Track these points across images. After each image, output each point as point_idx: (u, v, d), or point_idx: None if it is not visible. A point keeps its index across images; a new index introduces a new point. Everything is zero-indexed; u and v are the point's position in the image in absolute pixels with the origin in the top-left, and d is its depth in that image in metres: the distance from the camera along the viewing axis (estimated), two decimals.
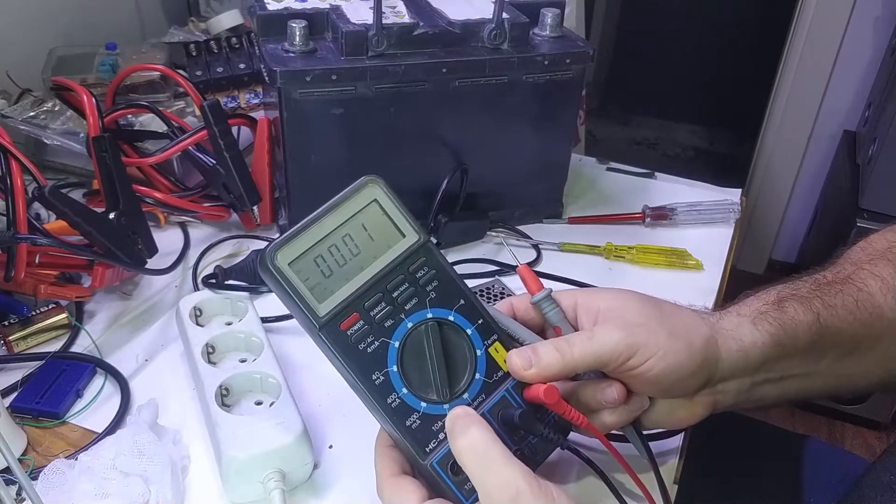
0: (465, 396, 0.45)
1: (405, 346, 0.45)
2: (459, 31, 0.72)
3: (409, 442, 0.43)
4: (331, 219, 0.45)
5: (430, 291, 0.46)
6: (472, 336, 0.47)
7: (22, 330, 0.64)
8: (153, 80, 0.89)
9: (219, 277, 0.67)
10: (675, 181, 0.96)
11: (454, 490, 0.43)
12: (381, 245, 0.46)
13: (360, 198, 0.46)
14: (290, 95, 0.68)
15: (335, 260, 0.45)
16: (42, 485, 0.49)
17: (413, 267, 0.46)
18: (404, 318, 0.45)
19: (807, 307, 0.49)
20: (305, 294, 0.43)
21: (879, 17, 1.69)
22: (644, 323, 0.46)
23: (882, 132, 1.41)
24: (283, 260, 0.43)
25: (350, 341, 0.44)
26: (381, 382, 0.44)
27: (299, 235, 0.44)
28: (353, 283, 0.45)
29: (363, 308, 0.45)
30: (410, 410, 0.44)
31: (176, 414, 0.58)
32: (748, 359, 0.48)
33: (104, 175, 0.66)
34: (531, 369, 0.45)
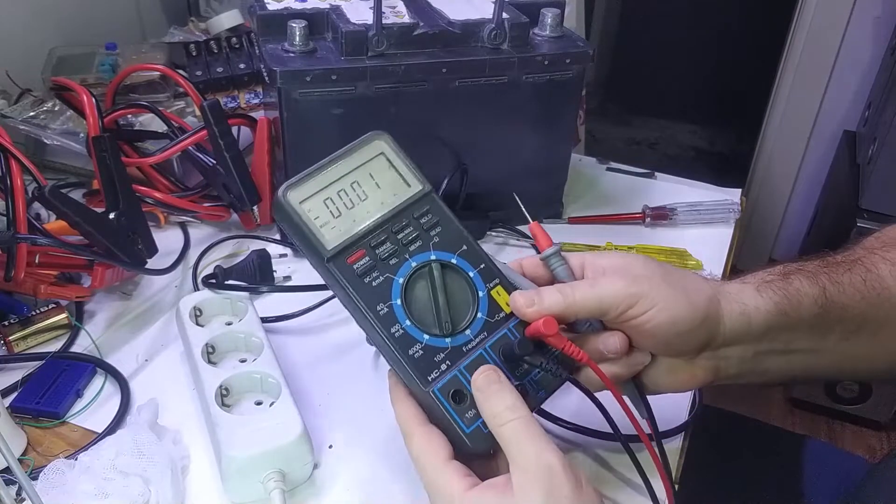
0: (467, 333, 0.47)
1: (409, 284, 0.47)
2: (459, 31, 0.72)
3: (412, 370, 0.45)
4: (339, 167, 0.48)
5: (434, 236, 0.49)
6: (474, 278, 0.48)
7: (22, 330, 0.64)
8: (153, 80, 0.89)
9: (219, 277, 0.68)
10: (676, 181, 0.96)
11: (455, 417, 0.45)
12: (388, 193, 0.49)
13: (368, 150, 0.49)
14: (290, 95, 0.68)
15: (343, 203, 0.48)
16: (42, 485, 0.49)
17: (418, 213, 0.49)
18: (408, 258, 0.48)
19: (813, 281, 0.49)
20: (315, 229, 0.46)
21: (879, 17, 1.69)
22: (648, 276, 0.47)
23: (882, 132, 1.41)
24: (294, 198, 0.47)
25: (356, 274, 0.46)
26: (386, 314, 0.46)
27: (309, 179, 0.47)
28: (360, 224, 0.47)
29: (369, 246, 0.47)
30: (413, 341, 0.46)
31: (176, 414, 0.58)
32: (750, 324, 0.48)
33: (104, 175, 0.66)
34: (533, 307, 0.46)
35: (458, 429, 0.44)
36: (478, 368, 0.45)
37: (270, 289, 0.69)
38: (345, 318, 0.70)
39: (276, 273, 0.72)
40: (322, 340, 0.67)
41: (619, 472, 0.56)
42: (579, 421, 0.58)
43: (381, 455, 0.56)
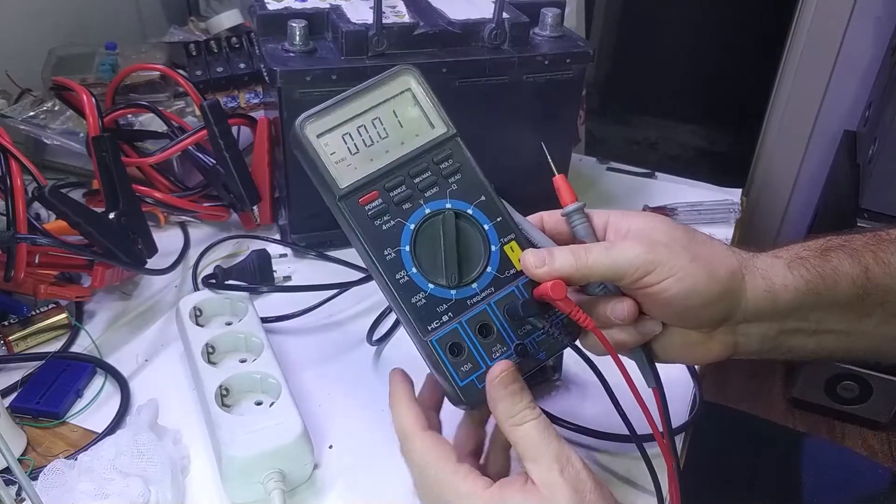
0: (473, 286, 0.46)
1: (420, 231, 0.46)
2: (459, 30, 0.72)
3: (413, 318, 0.45)
4: (362, 100, 0.47)
5: (452, 183, 0.47)
6: (488, 231, 0.47)
7: (22, 330, 0.64)
8: (153, 80, 0.89)
9: (219, 277, 0.67)
10: (676, 181, 0.96)
11: (450, 370, 0.45)
12: (410, 132, 0.47)
13: (394, 85, 0.48)
14: (290, 95, 0.68)
15: (362, 140, 0.46)
16: (42, 485, 0.49)
17: (438, 157, 0.47)
18: (422, 204, 0.46)
19: (855, 259, 0.47)
20: (329, 165, 0.45)
21: (879, 17, 1.68)
22: (668, 244, 0.45)
23: (882, 132, 1.41)
24: (311, 131, 0.45)
25: (367, 216, 0.45)
26: (392, 259, 0.45)
27: (330, 111, 0.46)
28: (377, 164, 0.46)
29: (384, 188, 0.46)
30: (417, 289, 0.45)
31: (176, 414, 0.58)
32: (776, 302, 0.46)
33: (104, 175, 0.66)
34: (543, 267, 0.45)
35: (452, 381, 0.44)
36: (496, 362, 0.44)
37: (270, 289, 0.69)
38: (345, 318, 0.70)
39: (276, 273, 0.72)
40: (322, 340, 0.67)
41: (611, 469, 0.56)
42: (573, 419, 0.58)
43: (381, 455, 0.56)
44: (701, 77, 2.59)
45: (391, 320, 0.68)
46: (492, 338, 0.46)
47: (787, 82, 1.84)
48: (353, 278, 0.71)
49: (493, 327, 0.46)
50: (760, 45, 2.07)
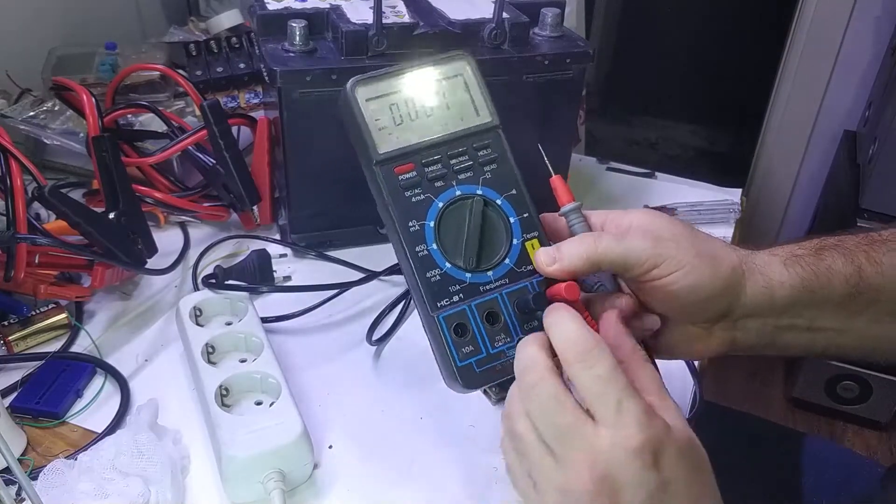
0: (489, 274, 0.47)
1: (447, 210, 0.47)
2: (459, 30, 0.72)
3: (424, 292, 0.45)
4: (414, 76, 0.48)
5: (487, 172, 0.48)
6: (513, 224, 0.48)
7: (22, 330, 0.64)
8: (153, 80, 0.89)
9: (219, 277, 0.67)
10: (676, 181, 0.96)
11: (451, 349, 0.45)
12: (455, 115, 0.48)
13: (449, 68, 0.49)
14: (290, 95, 0.68)
15: (408, 113, 0.47)
16: (42, 485, 0.49)
17: (478, 144, 0.48)
18: (454, 185, 0.47)
19: (848, 259, 0.48)
20: (372, 129, 0.46)
21: (879, 17, 1.68)
22: (673, 239, 0.46)
23: (882, 132, 1.41)
24: (361, 94, 0.46)
25: (399, 185, 0.46)
26: (416, 231, 0.46)
27: (382, 79, 0.47)
28: (418, 138, 0.47)
29: (420, 162, 0.47)
30: (434, 265, 0.46)
31: (176, 414, 0.58)
32: (773, 298, 0.47)
33: (104, 175, 0.66)
34: (554, 265, 0.45)
35: (451, 360, 0.45)
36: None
37: (270, 289, 0.69)
38: (345, 318, 0.70)
39: (276, 273, 0.72)
40: (322, 340, 0.67)
41: None
42: None
43: (381, 455, 0.56)
44: (701, 77, 2.59)
45: (391, 320, 0.68)
46: (498, 326, 0.46)
47: (787, 82, 1.84)
48: (353, 278, 0.72)
49: (500, 316, 0.46)
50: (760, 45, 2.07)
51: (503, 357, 0.46)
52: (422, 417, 0.60)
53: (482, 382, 0.46)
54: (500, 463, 0.55)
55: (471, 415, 0.60)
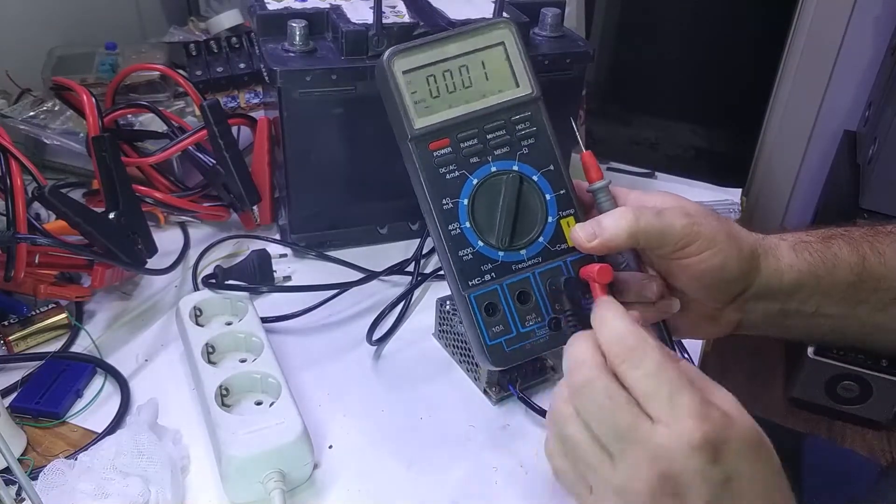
0: (522, 252, 0.46)
1: (481, 187, 0.46)
2: None
3: (456, 271, 0.45)
4: (454, 45, 0.46)
5: (524, 147, 0.47)
6: (549, 201, 0.47)
7: (22, 330, 0.64)
8: (153, 80, 0.89)
9: (219, 277, 0.68)
10: (676, 181, 0.96)
11: (482, 327, 0.45)
12: (493, 87, 0.47)
13: (489, 36, 0.47)
14: (290, 95, 0.68)
15: (445, 85, 0.46)
16: (42, 485, 0.49)
17: (516, 118, 0.47)
18: (490, 161, 0.46)
19: (853, 248, 0.49)
20: (409, 104, 0.45)
21: (879, 17, 1.68)
22: (706, 219, 0.46)
23: (882, 132, 1.41)
24: (398, 67, 0.45)
25: (433, 162, 0.46)
26: (449, 209, 0.46)
27: (420, 50, 0.46)
28: (455, 111, 0.46)
29: (456, 138, 0.46)
30: (466, 244, 0.45)
31: (176, 414, 0.58)
32: (781, 280, 0.47)
33: (104, 175, 0.66)
34: (595, 240, 0.45)
35: (481, 339, 0.45)
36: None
37: (270, 289, 0.69)
38: (345, 318, 0.70)
39: (276, 273, 0.72)
40: (322, 340, 0.67)
41: None
42: None
43: (381, 455, 0.56)
44: (701, 77, 2.59)
45: (391, 320, 0.68)
46: (528, 306, 0.46)
47: (787, 82, 1.84)
48: (353, 278, 0.72)
49: (532, 296, 0.46)
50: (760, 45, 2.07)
51: (533, 336, 0.46)
52: (422, 417, 0.60)
53: (511, 361, 0.46)
54: (500, 463, 0.56)
55: (471, 415, 0.60)
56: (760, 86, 1.94)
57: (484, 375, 0.60)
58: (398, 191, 0.77)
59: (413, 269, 0.74)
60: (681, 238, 0.45)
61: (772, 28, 1.95)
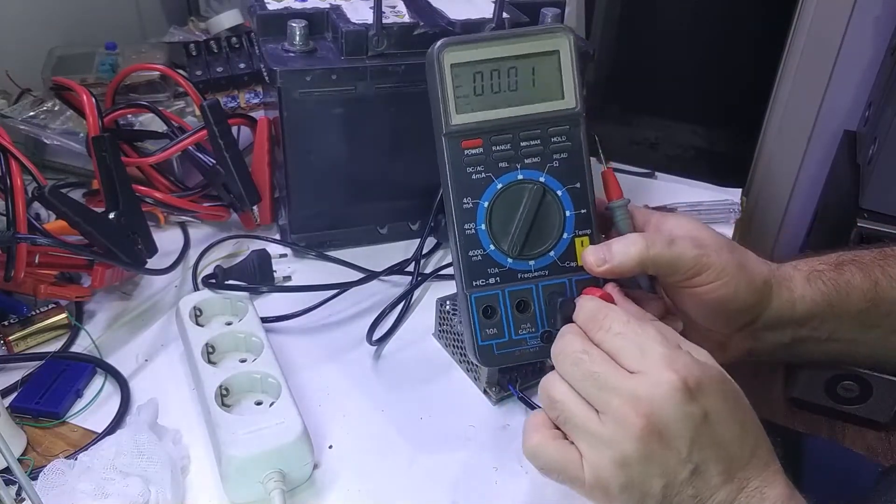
0: (530, 263, 0.47)
1: (504, 192, 0.47)
2: (460, 30, 0.72)
3: (463, 270, 0.46)
4: (508, 46, 0.46)
5: (555, 160, 0.47)
6: (567, 218, 0.47)
7: (22, 330, 0.64)
8: (153, 80, 0.89)
9: (219, 277, 0.68)
10: (676, 181, 0.96)
11: (476, 327, 0.46)
12: (538, 95, 0.47)
13: (546, 42, 0.47)
14: (290, 95, 0.68)
15: (491, 84, 0.46)
16: (42, 485, 0.49)
17: (553, 130, 0.47)
18: (518, 169, 0.47)
19: (866, 274, 0.49)
20: (450, 98, 0.46)
21: (879, 17, 1.68)
22: (717, 248, 0.47)
23: (882, 132, 1.41)
24: (447, 59, 0.45)
25: (462, 160, 0.46)
26: (468, 209, 0.46)
27: (472, 45, 0.46)
28: (494, 113, 0.46)
29: (489, 140, 0.46)
30: (478, 245, 0.46)
31: (176, 414, 0.58)
32: (794, 310, 0.48)
33: (104, 175, 0.66)
34: (604, 265, 0.46)
35: (473, 336, 0.46)
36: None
37: (270, 289, 0.69)
38: (345, 318, 0.70)
39: (276, 273, 0.72)
40: (322, 340, 0.67)
41: None
42: None
43: (381, 455, 0.56)
44: (701, 77, 2.59)
45: (391, 320, 0.68)
46: (526, 315, 0.47)
47: (787, 82, 1.84)
48: (353, 278, 0.72)
49: (531, 306, 0.47)
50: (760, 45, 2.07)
51: (524, 345, 0.47)
52: (422, 417, 0.60)
53: (499, 363, 0.47)
54: (500, 463, 0.56)
55: (471, 415, 0.60)
56: (760, 86, 1.94)
57: (484, 375, 0.60)
58: (398, 191, 0.78)
59: (413, 269, 0.74)
60: (691, 268, 0.46)
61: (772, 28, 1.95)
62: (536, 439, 0.42)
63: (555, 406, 0.42)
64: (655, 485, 0.39)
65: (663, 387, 0.38)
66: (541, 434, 0.42)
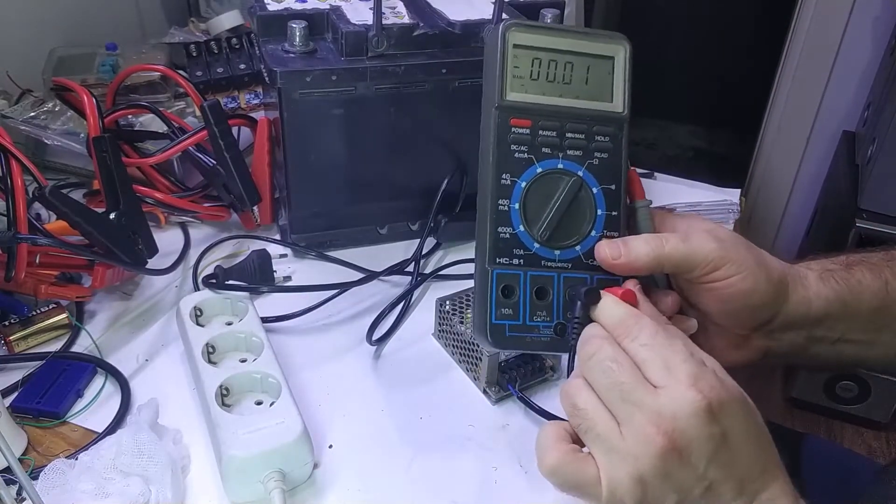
0: (556, 252, 0.47)
1: (542, 178, 0.47)
2: (459, 31, 0.72)
3: (490, 244, 0.46)
4: (570, 41, 0.48)
5: (596, 158, 0.48)
6: (598, 217, 0.48)
7: (22, 330, 0.64)
8: (153, 81, 0.89)
9: (219, 277, 0.68)
10: (675, 181, 0.96)
11: (492, 304, 0.46)
12: (590, 93, 0.48)
13: (604, 47, 0.49)
14: (290, 96, 0.68)
15: (547, 72, 0.47)
16: (42, 484, 0.49)
17: (598, 129, 0.48)
18: (560, 158, 0.47)
19: (876, 274, 0.50)
20: (508, 74, 0.46)
21: (879, 17, 1.68)
22: (734, 244, 0.47)
23: (881, 132, 1.41)
24: (511, 38, 0.46)
25: (509, 136, 0.47)
26: (505, 185, 0.46)
27: (538, 31, 0.47)
28: (546, 99, 0.47)
29: (538, 123, 0.47)
30: (508, 223, 0.46)
31: (176, 414, 0.58)
32: (809, 309, 0.48)
33: (104, 175, 0.66)
34: (620, 259, 0.46)
35: (487, 314, 0.46)
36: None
37: (270, 289, 0.69)
38: (345, 318, 0.70)
39: (276, 273, 0.72)
40: (322, 340, 0.67)
41: None
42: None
43: (381, 455, 0.57)
44: (700, 77, 2.59)
45: (391, 320, 0.68)
46: (543, 303, 0.47)
47: (786, 82, 1.84)
48: (353, 278, 0.72)
49: (549, 295, 0.47)
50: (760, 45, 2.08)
51: (536, 332, 0.47)
52: (422, 417, 0.60)
53: (508, 346, 0.47)
54: (500, 462, 0.56)
55: (471, 415, 0.60)
56: (760, 86, 1.94)
57: (483, 375, 0.60)
58: (398, 191, 0.78)
59: (413, 269, 0.74)
60: (709, 262, 0.46)
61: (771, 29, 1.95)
62: (555, 457, 0.42)
63: (577, 413, 0.42)
64: (669, 500, 0.39)
65: (687, 406, 0.38)
66: (558, 451, 0.42)
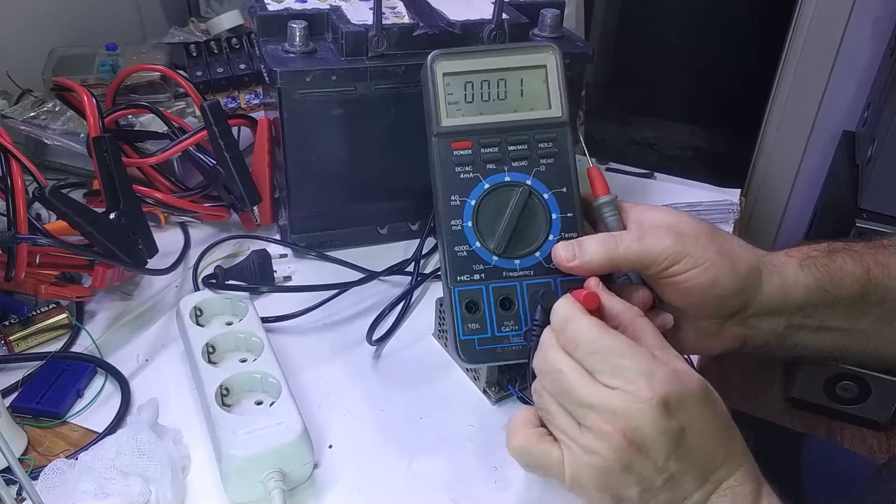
0: (515, 262, 0.48)
1: (491, 193, 0.48)
2: (459, 31, 0.72)
3: (448, 264, 0.47)
4: (498, 59, 0.49)
5: (542, 165, 0.49)
6: (553, 221, 0.49)
7: (22, 330, 0.64)
8: (153, 81, 0.89)
9: (219, 277, 0.68)
10: (675, 181, 0.96)
11: (458, 321, 0.47)
12: (526, 104, 0.50)
13: (534, 57, 0.50)
14: (290, 96, 0.68)
15: (481, 93, 0.49)
16: (42, 485, 0.49)
17: (540, 136, 0.49)
18: (505, 171, 0.49)
19: (857, 260, 0.50)
20: (442, 102, 0.48)
21: (879, 17, 1.68)
22: (695, 236, 0.47)
23: (881, 132, 1.41)
24: (439, 68, 0.48)
25: (451, 160, 0.48)
26: (455, 206, 0.48)
27: (464, 56, 0.49)
28: (483, 119, 0.49)
29: (478, 143, 0.48)
30: (464, 241, 0.48)
31: (176, 414, 0.58)
32: (787, 297, 0.48)
33: (104, 175, 0.66)
34: (574, 261, 0.47)
35: (455, 331, 0.47)
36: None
37: (270, 289, 0.69)
38: (345, 318, 0.70)
39: (276, 273, 0.72)
40: (322, 340, 0.67)
41: None
42: None
43: (381, 455, 0.57)
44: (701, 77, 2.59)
45: (391, 320, 0.68)
46: (509, 313, 0.47)
47: (786, 82, 1.84)
48: (353, 278, 0.72)
49: (514, 304, 0.48)
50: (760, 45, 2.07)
51: (506, 342, 0.47)
52: (422, 417, 0.60)
53: (481, 360, 0.48)
54: (500, 463, 0.56)
55: (470, 415, 0.60)
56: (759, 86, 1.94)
57: (483, 375, 0.61)
58: (398, 191, 0.78)
59: (413, 270, 0.74)
60: (665, 258, 0.46)
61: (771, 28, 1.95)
62: (521, 440, 0.44)
63: (541, 409, 0.44)
64: (632, 490, 0.40)
65: (641, 404, 0.39)
66: (524, 434, 0.44)
